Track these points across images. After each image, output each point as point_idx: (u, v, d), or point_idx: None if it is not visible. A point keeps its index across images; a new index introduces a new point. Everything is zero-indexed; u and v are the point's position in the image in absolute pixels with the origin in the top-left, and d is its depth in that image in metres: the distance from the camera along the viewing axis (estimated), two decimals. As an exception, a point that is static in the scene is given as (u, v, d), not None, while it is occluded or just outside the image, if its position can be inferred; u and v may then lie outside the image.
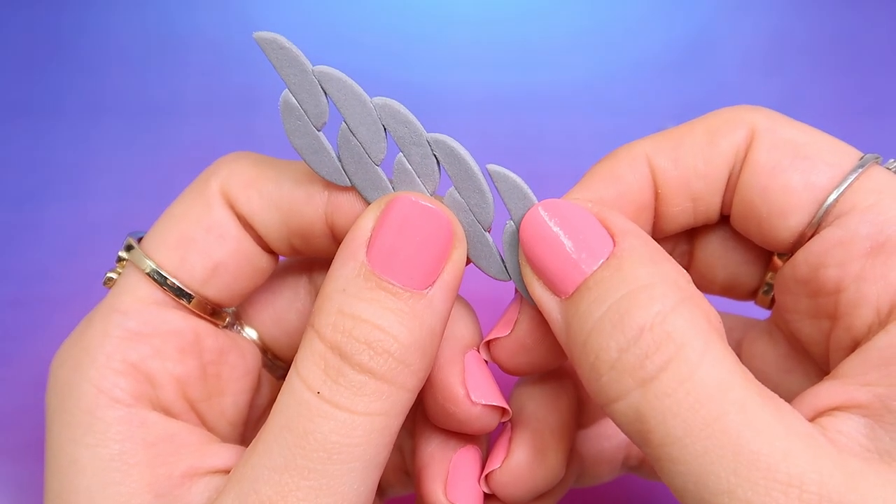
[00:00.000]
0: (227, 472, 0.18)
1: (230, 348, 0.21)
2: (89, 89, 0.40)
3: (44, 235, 0.37)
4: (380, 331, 0.17)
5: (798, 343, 0.21)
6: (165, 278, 0.19)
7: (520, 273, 0.19)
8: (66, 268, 0.36)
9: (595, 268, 0.17)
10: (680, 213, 0.20)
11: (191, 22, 0.40)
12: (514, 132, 0.40)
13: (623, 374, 0.16)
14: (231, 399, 0.21)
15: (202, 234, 0.19)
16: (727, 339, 0.20)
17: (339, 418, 0.16)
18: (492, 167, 0.19)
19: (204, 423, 0.20)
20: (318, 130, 0.19)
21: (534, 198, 0.19)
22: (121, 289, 0.20)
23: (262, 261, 0.21)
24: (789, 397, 0.17)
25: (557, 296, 0.17)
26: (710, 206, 0.20)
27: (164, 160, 0.38)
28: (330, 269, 0.18)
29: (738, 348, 0.23)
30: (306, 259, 0.23)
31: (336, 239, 0.20)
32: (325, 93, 0.18)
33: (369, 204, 0.19)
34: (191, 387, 0.20)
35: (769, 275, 0.21)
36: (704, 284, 0.23)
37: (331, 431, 0.16)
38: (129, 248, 0.20)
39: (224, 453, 0.19)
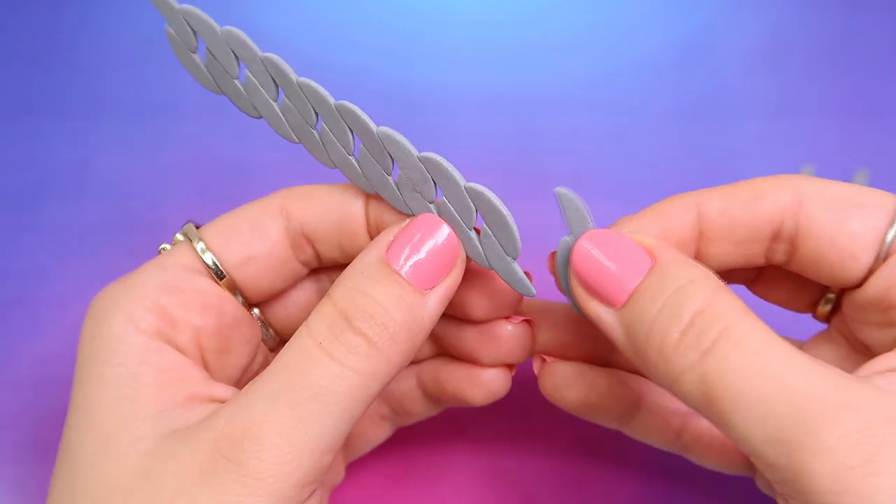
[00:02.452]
0: (226, 403, 0.21)
1: (243, 318, 0.24)
2: (89, 89, 0.40)
3: (44, 235, 0.37)
4: (381, 308, 0.20)
5: (857, 346, 0.24)
6: (206, 252, 0.23)
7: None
8: (66, 268, 0.36)
9: (642, 278, 0.20)
10: (722, 253, 0.23)
11: (191, 22, 0.40)
12: (514, 132, 0.40)
13: (686, 350, 0.19)
14: (234, 359, 0.24)
15: (247, 230, 0.23)
16: None
17: (330, 367, 0.20)
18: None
19: (207, 371, 0.23)
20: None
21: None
22: (168, 254, 0.23)
23: (290, 267, 0.24)
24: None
25: (612, 307, 0.21)
26: (753, 253, 0.23)
27: (164, 160, 0.38)
28: (353, 260, 0.22)
29: None
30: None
31: (371, 234, 0.24)
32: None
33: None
34: (204, 338, 0.23)
35: (826, 297, 0.24)
36: (765, 297, 0.26)
37: (320, 376, 0.20)
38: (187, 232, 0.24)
39: (222, 389, 0.22)
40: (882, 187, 0.38)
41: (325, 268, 0.26)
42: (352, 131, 0.22)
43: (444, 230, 0.22)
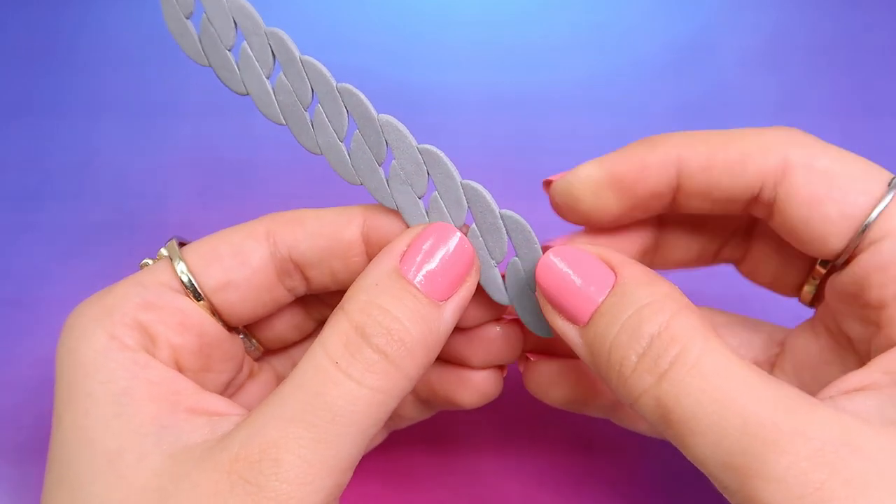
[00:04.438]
0: (222, 416, 0.21)
1: (225, 336, 0.24)
2: (89, 89, 0.40)
3: (44, 235, 0.37)
4: (398, 323, 0.20)
5: (839, 339, 0.23)
6: (185, 273, 0.22)
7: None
8: (66, 268, 0.36)
9: (603, 297, 0.20)
10: (698, 206, 0.23)
11: (191, 22, 0.40)
12: (514, 132, 0.40)
13: (643, 373, 0.19)
14: (214, 376, 0.24)
15: (228, 254, 0.23)
16: (770, 343, 0.25)
17: (348, 387, 0.19)
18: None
19: None
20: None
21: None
22: (148, 271, 0.23)
23: (273, 295, 0.24)
24: (828, 385, 0.20)
25: (576, 324, 0.21)
26: (731, 208, 0.23)
27: (164, 160, 0.38)
28: (365, 269, 0.21)
29: (782, 346, 0.25)
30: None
31: (371, 257, 0.23)
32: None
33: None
34: (183, 357, 0.22)
35: (810, 279, 0.24)
36: (753, 278, 0.26)
37: (338, 396, 0.19)
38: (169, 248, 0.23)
39: (216, 400, 0.22)
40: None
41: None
42: (349, 116, 0.22)
43: (457, 239, 0.22)
